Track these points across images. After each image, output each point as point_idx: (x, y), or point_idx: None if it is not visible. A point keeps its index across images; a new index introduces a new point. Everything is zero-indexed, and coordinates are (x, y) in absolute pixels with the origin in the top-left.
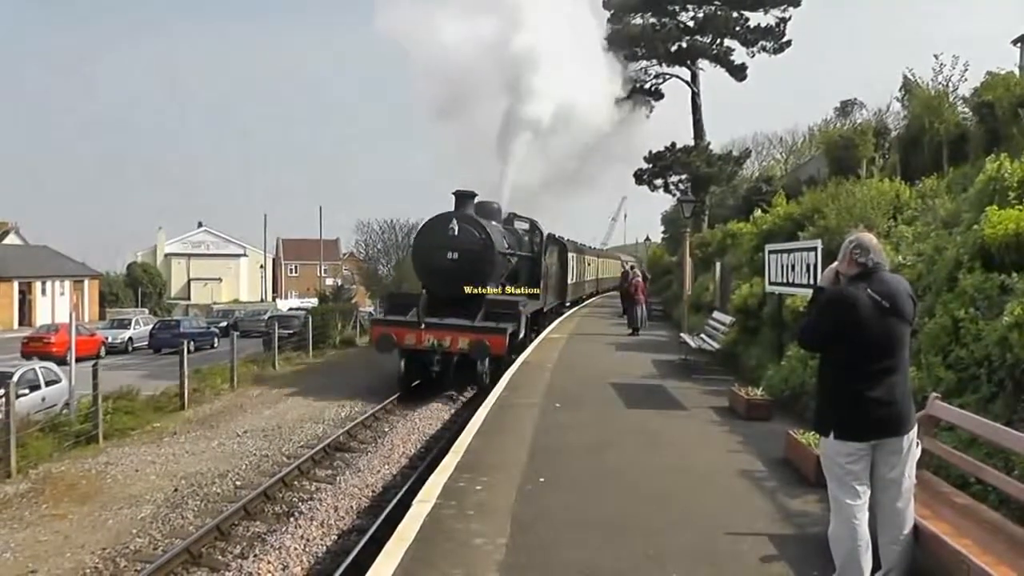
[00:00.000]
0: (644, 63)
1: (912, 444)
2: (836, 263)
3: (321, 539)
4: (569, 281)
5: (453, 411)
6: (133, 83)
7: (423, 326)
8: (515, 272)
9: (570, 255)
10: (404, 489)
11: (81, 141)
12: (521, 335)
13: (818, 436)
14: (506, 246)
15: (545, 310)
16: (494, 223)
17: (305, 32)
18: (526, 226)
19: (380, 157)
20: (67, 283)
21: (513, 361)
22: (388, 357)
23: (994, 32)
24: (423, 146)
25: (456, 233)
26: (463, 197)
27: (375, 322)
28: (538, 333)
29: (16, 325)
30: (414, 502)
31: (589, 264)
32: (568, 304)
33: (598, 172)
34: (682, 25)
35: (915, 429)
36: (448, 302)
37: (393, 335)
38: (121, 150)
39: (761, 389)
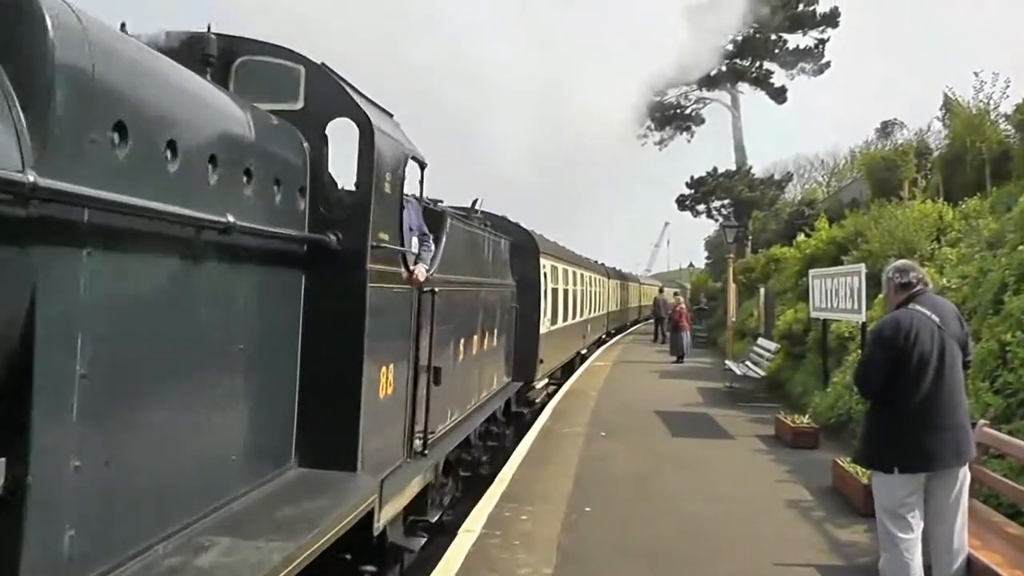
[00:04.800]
0: (684, 88)
1: (966, 474)
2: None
3: None
4: (543, 327)
5: None
6: None
7: None
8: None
9: (547, 266)
10: None
11: None
12: None
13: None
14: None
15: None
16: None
17: None
18: (396, 138)
19: None
20: None
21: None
22: None
23: None
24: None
25: None
26: None
27: None
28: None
29: None
30: (459, 531)
31: (591, 286)
32: (546, 381)
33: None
34: (721, 49)
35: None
36: None
37: None
38: None
39: (807, 417)
